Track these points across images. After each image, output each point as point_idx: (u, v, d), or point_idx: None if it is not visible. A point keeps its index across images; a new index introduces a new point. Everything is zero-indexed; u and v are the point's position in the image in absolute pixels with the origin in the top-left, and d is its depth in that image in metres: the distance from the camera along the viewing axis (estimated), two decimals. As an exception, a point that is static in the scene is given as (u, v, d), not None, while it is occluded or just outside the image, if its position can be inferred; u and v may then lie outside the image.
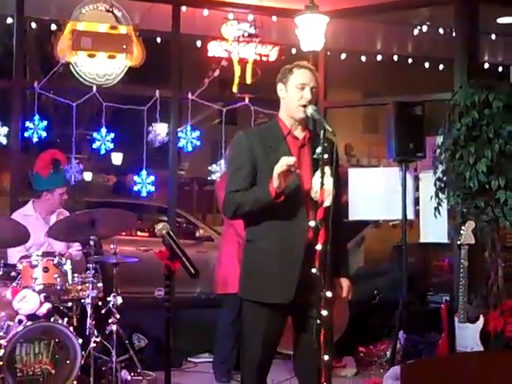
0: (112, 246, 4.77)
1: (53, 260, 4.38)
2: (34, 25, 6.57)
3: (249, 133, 3.43)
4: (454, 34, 6.12)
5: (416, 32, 6.97)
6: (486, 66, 7.66)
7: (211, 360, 5.34)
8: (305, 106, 3.20)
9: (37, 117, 5.81)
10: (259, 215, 3.19)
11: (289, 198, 3.12)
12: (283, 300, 3.18)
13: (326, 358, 2.96)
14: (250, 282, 3.29)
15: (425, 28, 6.89)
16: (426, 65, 7.81)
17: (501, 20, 6.69)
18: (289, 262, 3.16)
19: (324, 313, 2.95)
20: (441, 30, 6.85)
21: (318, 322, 2.96)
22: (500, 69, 7.70)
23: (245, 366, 3.36)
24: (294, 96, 3.23)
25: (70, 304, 4.43)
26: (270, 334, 3.25)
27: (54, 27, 6.19)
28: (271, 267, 3.20)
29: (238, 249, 5.03)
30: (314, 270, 3.00)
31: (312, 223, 3.08)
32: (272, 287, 3.20)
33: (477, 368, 2.34)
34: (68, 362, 4.16)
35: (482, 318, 4.58)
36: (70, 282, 4.42)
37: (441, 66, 7.75)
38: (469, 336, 4.55)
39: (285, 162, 3.00)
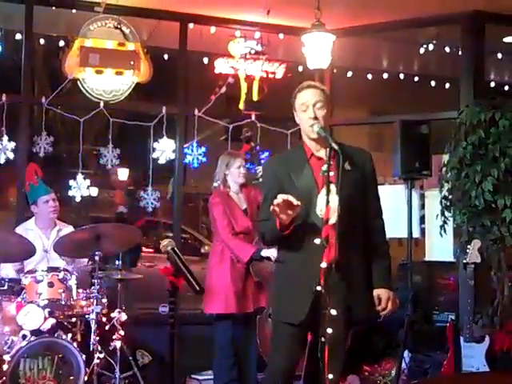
0: (117, 261, 4.78)
1: (58, 275, 4.38)
2: (42, 41, 6.62)
3: (274, 159, 3.60)
4: (460, 53, 6.14)
5: (422, 50, 6.99)
6: (493, 84, 7.67)
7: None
8: (312, 125, 3.23)
9: (44, 132, 5.84)
10: (288, 238, 3.22)
11: (310, 215, 3.14)
12: (293, 320, 3.20)
13: (331, 376, 2.95)
14: (275, 301, 3.38)
15: (431, 46, 6.91)
16: (433, 83, 7.82)
17: (507, 39, 6.70)
18: (304, 282, 3.16)
19: (329, 331, 2.94)
20: (447, 49, 6.87)
21: (322, 339, 2.95)
22: (506, 88, 7.71)
23: (268, 382, 3.41)
24: (302, 118, 3.30)
25: (74, 319, 4.41)
26: (292, 354, 3.27)
27: (62, 43, 6.24)
28: (287, 288, 3.26)
29: (230, 267, 4.94)
30: (318, 288, 3.01)
31: (317, 241, 3.08)
32: (287, 307, 3.24)
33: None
34: (71, 377, 4.15)
35: (487, 338, 4.56)
36: (75, 297, 4.42)
37: (447, 85, 7.76)
38: (475, 356, 4.52)
39: (280, 197, 3.01)
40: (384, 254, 3.37)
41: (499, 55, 7.03)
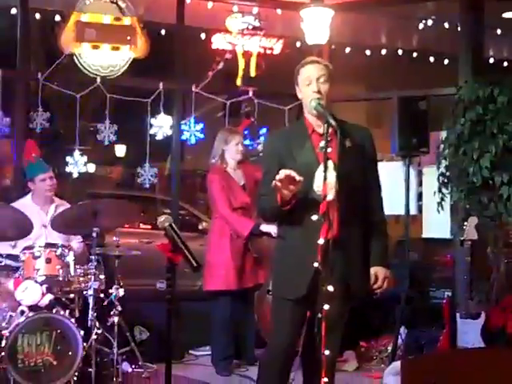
0: (115, 238, 4.78)
1: (55, 251, 4.38)
2: (37, 15, 6.55)
3: (275, 134, 3.58)
4: (459, 29, 6.10)
5: (421, 26, 6.95)
6: (491, 60, 7.62)
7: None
8: (311, 101, 3.21)
9: (40, 108, 5.81)
10: (287, 214, 3.21)
11: (311, 190, 3.14)
12: (293, 295, 3.21)
13: (327, 352, 2.96)
14: (275, 277, 3.40)
15: (430, 22, 6.86)
16: (431, 59, 7.77)
17: (506, 15, 6.65)
18: (303, 258, 3.16)
19: (326, 307, 2.95)
20: (446, 25, 6.82)
21: (319, 316, 2.96)
22: (505, 64, 7.67)
23: (269, 358, 3.39)
24: (306, 93, 3.27)
25: (72, 295, 4.42)
26: (293, 329, 3.28)
27: (58, 18, 6.19)
28: (287, 263, 3.27)
29: (230, 243, 4.96)
30: (315, 265, 3.01)
31: (314, 217, 3.08)
32: (288, 283, 3.26)
33: (478, 364, 2.34)
34: (69, 353, 4.17)
35: (483, 314, 4.58)
36: (73, 273, 4.42)
37: (446, 61, 7.72)
38: (470, 332, 4.55)
39: (283, 172, 3.00)
40: (382, 232, 3.38)
41: (498, 31, 6.98)
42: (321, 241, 3.00)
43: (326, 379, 2.93)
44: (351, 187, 3.14)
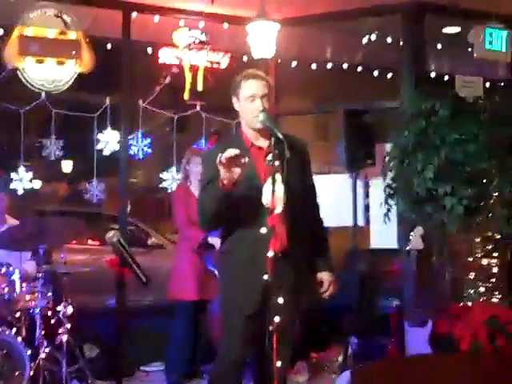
0: (62, 254, 4.71)
1: (0, 269, 4.29)
2: (-21, 29, 6.43)
3: (213, 150, 3.50)
4: (401, 43, 6.24)
5: (365, 41, 7.07)
6: (433, 74, 7.82)
7: (163, 369, 5.31)
8: (258, 115, 3.22)
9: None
10: (229, 226, 3.22)
11: (253, 205, 3.15)
12: (247, 311, 3.21)
13: (279, 364, 2.98)
14: (224, 294, 3.36)
15: (373, 37, 6.99)
16: (375, 73, 7.92)
17: (446, 30, 6.84)
18: (252, 272, 3.17)
19: (276, 319, 2.98)
20: (389, 39, 6.97)
21: (270, 328, 2.98)
22: (446, 78, 7.87)
23: (220, 371, 3.37)
24: (247, 108, 3.25)
25: (18, 314, 4.34)
26: (245, 342, 3.27)
27: (0, 32, 6.08)
28: (237, 278, 3.25)
29: (191, 257, 5.07)
30: (265, 277, 3.04)
31: (263, 230, 3.11)
32: (238, 299, 3.24)
33: (426, 370, 2.39)
34: (17, 373, 4.08)
35: (430, 322, 4.67)
36: (19, 291, 4.34)
37: (389, 75, 7.88)
38: (418, 339, 4.63)
39: (226, 152, 2.97)
40: (324, 239, 3.46)
41: (439, 46, 7.17)
42: (270, 253, 3.03)
43: (278, 390, 2.95)
44: (295, 198, 3.18)
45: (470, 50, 6.01)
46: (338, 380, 4.97)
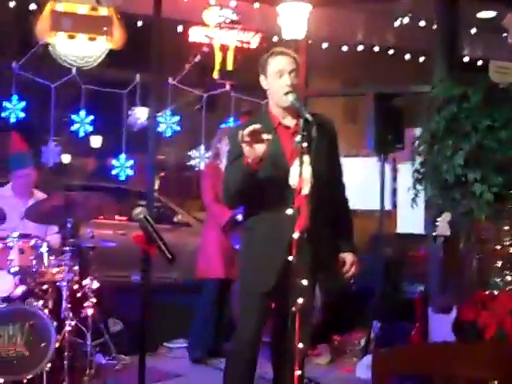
0: (89, 229, 4.76)
1: (29, 242, 4.35)
2: (12, 3, 6.47)
3: (240, 127, 3.46)
4: (434, 27, 6.15)
5: (397, 23, 7.00)
6: (466, 59, 7.71)
7: (186, 346, 5.36)
8: (287, 93, 3.20)
9: (15, 97, 5.75)
10: (253, 204, 3.22)
11: (278, 184, 3.14)
12: (262, 289, 3.23)
13: (301, 345, 2.99)
14: (242, 270, 3.39)
15: (406, 20, 6.91)
16: (407, 57, 7.84)
17: (480, 15, 6.73)
18: (272, 251, 3.19)
19: (299, 300, 2.98)
20: (422, 23, 6.88)
21: (293, 309, 2.99)
22: (479, 63, 7.76)
23: (236, 349, 3.41)
24: (275, 85, 3.24)
25: (45, 287, 4.40)
26: (259, 321, 3.30)
27: (33, 7, 6.12)
28: (256, 256, 3.27)
29: (219, 236, 5.08)
30: (290, 258, 3.04)
31: (289, 211, 3.10)
32: (255, 275, 3.26)
33: (449, 358, 2.37)
34: (42, 344, 4.14)
35: (455, 309, 4.64)
36: (46, 264, 4.39)
37: (421, 59, 7.79)
38: (442, 326, 4.61)
39: (248, 128, 2.96)
40: (348, 219, 3.45)
41: (473, 30, 7.06)
42: (296, 234, 3.02)
43: (299, 372, 2.96)
44: (321, 180, 3.17)
45: (504, 35, 5.91)
46: (359, 363, 4.98)
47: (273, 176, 3.15)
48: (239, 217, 4.83)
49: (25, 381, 4.07)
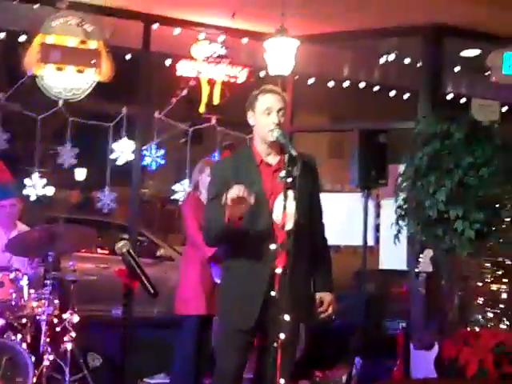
0: (71, 262, 4.72)
1: (8, 275, 4.31)
2: (2, 35, 6.51)
3: (222, 162, 3.51)
4: (419, 64, 6.25)
5: (383, 60, 7.08)
6: (450, 97, 7.81)
7: (166, 381, 5.29)
8: (272, 130, 3.23)
9: (0, 128, 5.74)
10: (233, 243, 3.23)
11: (257, 222, 3.16)
12: (243, 326, 3.22)
13: (282, 381, 2.97)
14: (222, 308, 3.38)
15: (392, 57, 7.00)
16: (392, 93, 7.92)
17: (464, 53, 6.84)
18: (253, 288, 3.19)
19: (281, 336, 2.97)
20: (407, 60, 6.98)
21: (275, 345, 2.97)
22: (463, 100, 7.86)
23: None
24: (262, 122, 3.27)
25: (24, 320, 4.34)
26: (241, 359, 3.28)
27: (22, 38, 6.15)
28: (237, 294, 3.26)
29: (200, 269, 5.01)
30: (273, 293, 3.03)
31: (273, 246, 3.11)
32: (235, 313, 3.25)
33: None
34: (20, 380, 4.08)
35: (436, 346, 4.63)
36: (26, 297, 4.35)
37: (406, 95, 7.88)
38: (424, 363, 4.59)
39: (233, 191, 2.99)
40: (326, 258, 3.45)
41: (457, 68, 7.17)
42: (279, 270, 3.02)
43: (280, 408, 2.94)
44: (304, 217, 3.18)
45: (488, 73, 6.00)
46: (341, 400, 4.94)
47: (254, 212, 3.16)
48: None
49: (1, 417, 4.00)
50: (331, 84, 7.71)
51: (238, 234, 3.15)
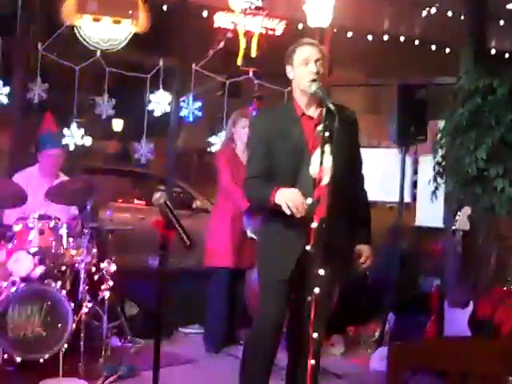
0: (108, 212, 4.78)
1: (49, 223, 4.39)
2: (39, -14, 6.49)
3: (262, 115, 3.52)
4: (462, 18, 6.08)
5: (424, 14, 6.92)
6: (493, 51, 7.60)
7: (201, 331, 5.38)
8: (311, 81, 3.20)
9: (39, 78, 5.78)
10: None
11: (299, 174, 3.18)
12: (280, 276, 3.25)
13: (315, 335, 2.99)
14: (261, 258, 3.43)
15: (433, 10, 6.83)
16: (433, 47, 7.75)
17: (510, 6, 6.63)
18: (291, 240, 3.21)
19: (316, 290, 2.98)
20: (449, 13, 6.80)
21: (309, 298, 2.99)
22: (507, 55, 7.66)
23: (255, 337, 3.43)
24: (301, 72, 3.25)
25: (63, 268, 4.44)
26: (279, 307, 3.32)
27: (60, -11, 6.13)
28: (275, 244, 3.31)
29: (231, 221, 5.04)
30: (308, 248, 3.04)
31: (309, 200, 3.10)
32: (272, 263, 3.30)
33: (463, 353, 2.36)
34: (59, 325, 4.19)
35: (471, 304, 4.61)
36: (65, 246, 4.43)
37: (447, 50, 7.70)
38: (458, 321, 4.58)
39: (294, 202, 3.05)
40: (366, 212, 3.46)
41: (501, 22, 6.96)
42: (314, 224, 3.02)
43: (313, 361, 2.97)
44: (342, 171, 3.15)
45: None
46: (374, 355, 4.97)
47: (294, 166, 3.15)
48: None
49: (41, 361, 4.12)
50: (370, 38, 7.57)
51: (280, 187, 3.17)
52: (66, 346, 4.17)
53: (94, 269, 4.54)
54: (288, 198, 3.08)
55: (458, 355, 2.29)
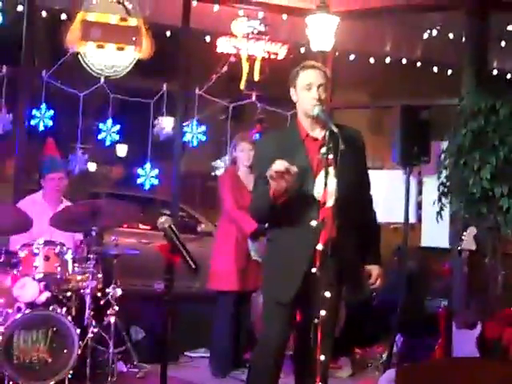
0: (113, 237, 4.79)
1: (54, 249, 4.39)
2: (44, 13, 6.57)
3: (267, 138, 3.51)
4: (463, 40, 6.12)
5: (426, 36, 6.96)
6: (495, 72, 7.64)
7: (207, 355, 5.35)
8: (313, 106, 3.21)
9: (43, 105, 5.82)
10: (279, 217, 3.23)
11: (304, 197, 3.16)
12: (283, 299, 3.23)
13: (322, 358, 2.98)
14: (265, 280, 3.41)
15: (435, 32, 6.87)
16: (435, 69, 7.79)
17: (510, 27, 6.67)
18: (295, 263, 3.20)
19: (322, 313, 2.97)
20: (451, 35, 6.84)
21: (316, 321, 2.98)
22: (508, 76, 7.69)
23: (259, 359, 3.42)
24: (304, 97, 3.26)
25: (69, 294, 4.44)
26: (282, 331, 3.30)
27: (64, 17, 6.20)
28: (279, 266, 3.28)
29: (235, 245, 5.03)
30: (313, 270, 3.03)
31: (314, 223, 3.10)
32: (276, 286, 3.28)
33: (471, 374, 2.35)
34: (65, 351, 4.17)
35: (479, 325, 4.58)
36: (71, 271, 4.43)
37: (449, 71, 7.73)
38: (466, 342, 4.55)
39: (275, 166, 2.99)
40: (374, 231, 3.44)
41: (503, 43, 7.00)
42: (319, 246, 3.02)
43: (321, 384, 2.95)
44: (348, 192, 3.15)
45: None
46: (381, 377, 4.93)
47: (299, 188, 3.15)
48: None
49: (47, 387, 4.10)
50: (372, 60, 7.62)
51: (284, 209, 3.15)
52: (71, 371, 4.15)
53: (99, 294, 4.54)
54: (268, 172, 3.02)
55: (467, 376, 2.28)
